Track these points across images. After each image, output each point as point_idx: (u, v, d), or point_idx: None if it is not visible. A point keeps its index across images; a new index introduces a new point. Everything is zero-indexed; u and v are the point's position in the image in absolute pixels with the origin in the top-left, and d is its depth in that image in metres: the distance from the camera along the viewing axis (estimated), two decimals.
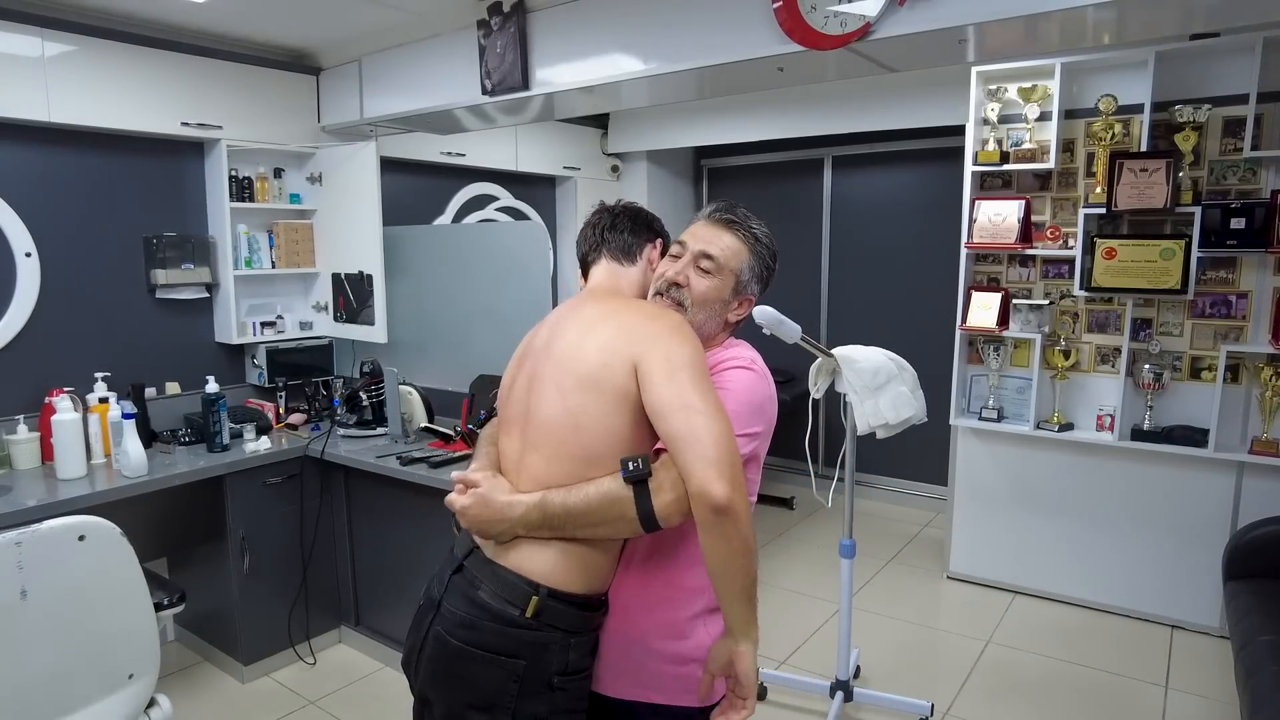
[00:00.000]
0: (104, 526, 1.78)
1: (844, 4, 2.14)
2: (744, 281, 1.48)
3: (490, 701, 1.30)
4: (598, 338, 1.35)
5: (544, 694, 1.31)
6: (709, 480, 1.17)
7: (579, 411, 1.32)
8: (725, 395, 1.33)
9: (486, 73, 2.90)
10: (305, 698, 2.93)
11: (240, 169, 3.37)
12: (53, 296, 2.96)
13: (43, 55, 2.74)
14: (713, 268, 1.45)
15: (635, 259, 1.57)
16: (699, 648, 1.38)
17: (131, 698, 1.85)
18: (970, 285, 3.79)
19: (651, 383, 1.27)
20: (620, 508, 1.27)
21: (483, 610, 1.31)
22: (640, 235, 1.59)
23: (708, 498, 1.17)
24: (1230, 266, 3.27)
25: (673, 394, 1.24)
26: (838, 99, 4.26)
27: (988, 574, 3.84)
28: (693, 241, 1.47)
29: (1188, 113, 3.19)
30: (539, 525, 1.31)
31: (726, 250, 1.46)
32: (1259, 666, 2.27)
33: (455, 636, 1.33)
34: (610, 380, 1.30)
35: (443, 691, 1.36)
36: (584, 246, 1.60)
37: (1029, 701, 2.90)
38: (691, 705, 1.38)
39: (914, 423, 2.56)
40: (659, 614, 1.38)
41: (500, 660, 1.30)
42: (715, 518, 1.18)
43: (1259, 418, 3.21)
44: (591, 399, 1.31)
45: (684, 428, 1.21)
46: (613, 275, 1.55)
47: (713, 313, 1.46)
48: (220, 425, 2.99)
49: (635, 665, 1.39)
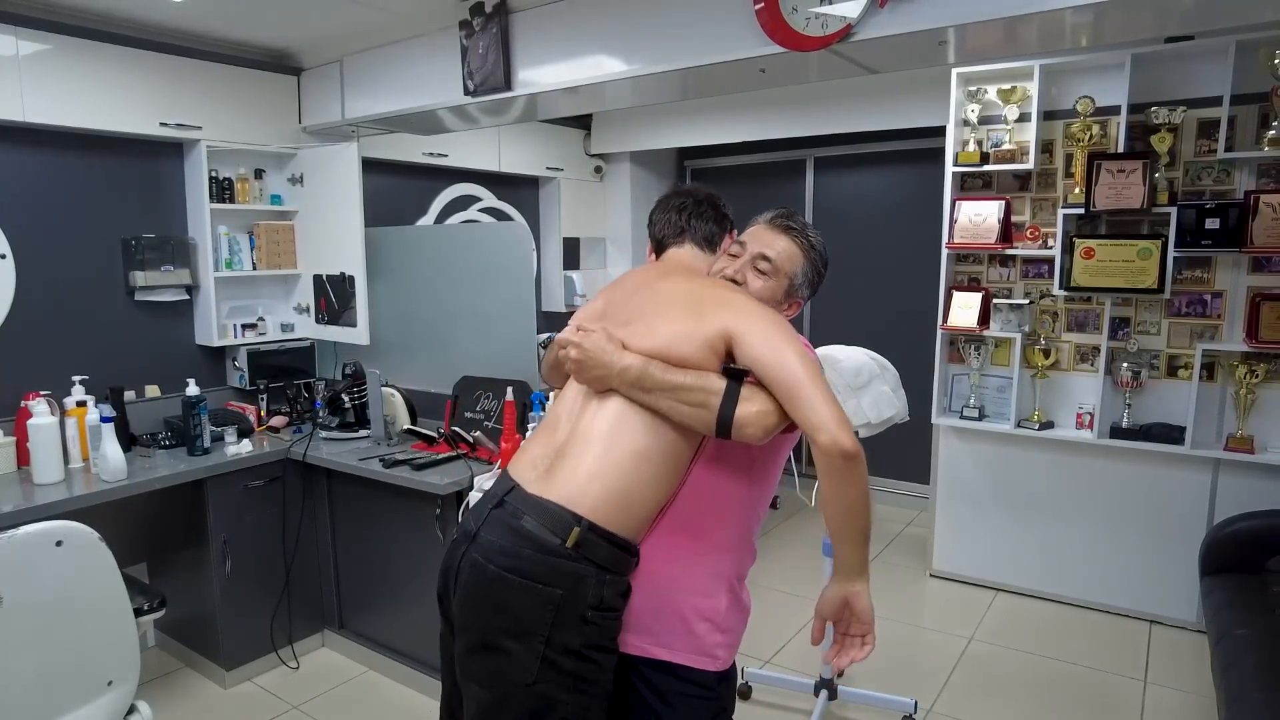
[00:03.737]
0: (82, 532, 1.76)
1: (825, 5, 2.15)
2: (796, 285, 1.56)
3: (526, 628, 1.33)
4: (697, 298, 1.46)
5: (577, 626, 1.34)
6: (839, 432, 1.28)
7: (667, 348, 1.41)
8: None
9: (469, 73, 2.89)
10: (288, 702, 2.91)
11: (220, 170, 3.34)
12: (29, 299, 2.92)
13: (17, 54, 2.70)
14: (769, 269, 1.53)
15: (716, 249, 1.65)
16: (717, 610, 1.44)
17: (111, 704, 1.83)
18: (951, 285, 3.82)
19: (750, 344, 1.37)
20: (709, 396, 1.36)
21: (524, 538, 1.35)
22: (723, 226, 1.68)
23: (840, 446, 1.27)
24: (1205, 266, 3.32)
25: (777, 356, 1.34)
26: (820, 100, 4.28)
27: (970, 571, 3.88)
28: (753, 243, 1.55)
29: (1163, 114, 3.24)
30: (634, 382, 1.39)
31: (783, 254, 1.54)
32: (1235, 660, 2.31)
33: (494, 563, 1.36)
34: (703, 336, 1.40)
35: (477, 617, 1.38)
36: (664, 229, 1.66)
37: (1011, 697, 2.92)
38: (696, 667, 1.43)
39: (896, 422, 2.58)
40: (683, 567, 1.44)
41: (538, 588, 1.33)
42: (847, 464, 1.28)
43: (1234, 415, 3.26)
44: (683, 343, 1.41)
45: (794, 384, 1.32)
46: (698, 259, 1.64)
47: None
48: (201, 428, 2.96)
49: (650, 616, 1.43)
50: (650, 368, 1.39)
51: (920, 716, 2.79)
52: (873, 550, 4.26)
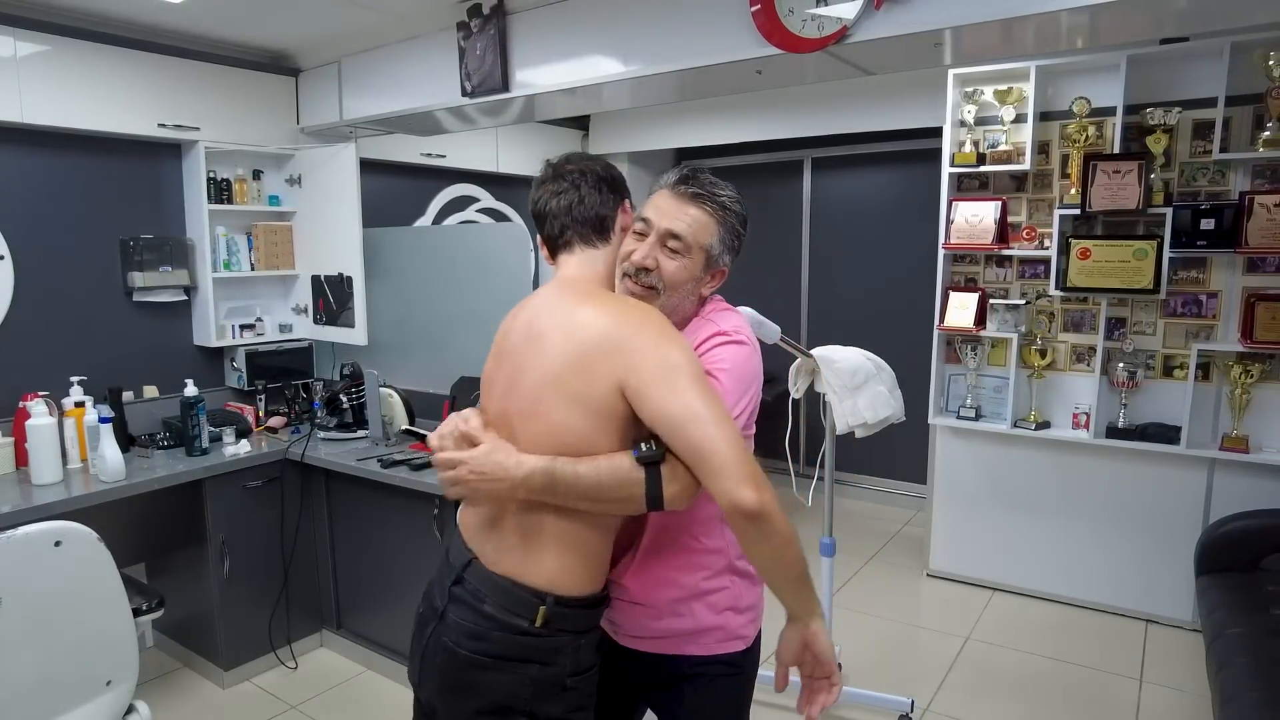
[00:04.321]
0: (81, 532, 1.77)
1: (821, 7, 2.16)
2: (715, 255, 1.40)
3: (504, 706, 1.30)
4: (581, 351, 1.27)
5: (558, 695, 1.31)
6: (735, 491, 1.17)
7: (562, 429, 1.27)
8: (718, 374, 1.33)
9: (466, 74, 2.90)
10: (287, 702, 2.92)
11: (218, 171, 3.34)
12: (27, 300, 2.93)
13: (15, 55, 2.71)
14: (681, 247, 1.37)
15: (608, 235, 1.42)
16: (731, 596, 1.43)
17: (109, 704, 1.84)
18: (948, 285, 3.83)
19: (650, 397, 1.22)
20: (630, 488, 1.24)
21: (490, 621, 1.29)
22: (612, 203, 1.42)
23: (740, 508, 1.17)
24: (1201, 266, 3.33)
25: (678, 407, 1.21)
26: (817, 101, 4.29)
27: (967, 571, 3.89)
28: (657, 218, 1.39)
29: (1159, 115, 3.25)
30: (542, 490, 1.25)
31: (694, 225, 1.37)
32: (1229, 659, 2.32)
33: (464, 648, 1.31)
34: (596, 400, 1.25)
35: (453, 700, 1.34)
36: (548, 226, 1.42)
37: (1008, 696, 2.93)
38: (727, 652, 1.44)
39: (892, 422, 2.59)
40: (685, 578, 1.41)
41: (513, 665, 1.29)
42: (752, 524, 1.19)
43: (1229, 415, 3.27)
44: (576, 417, 1.27)
45: (698, 441, 1.20)
46: (590, 263, 1.40)
47: (686, 292, 1.40)
48: (199, 429, 2.97)
49: (670, 626, 1.42)
50: (558, 471, 1.24)
51: (917, 716, 2.80)
52: (871, 549, 4.29)
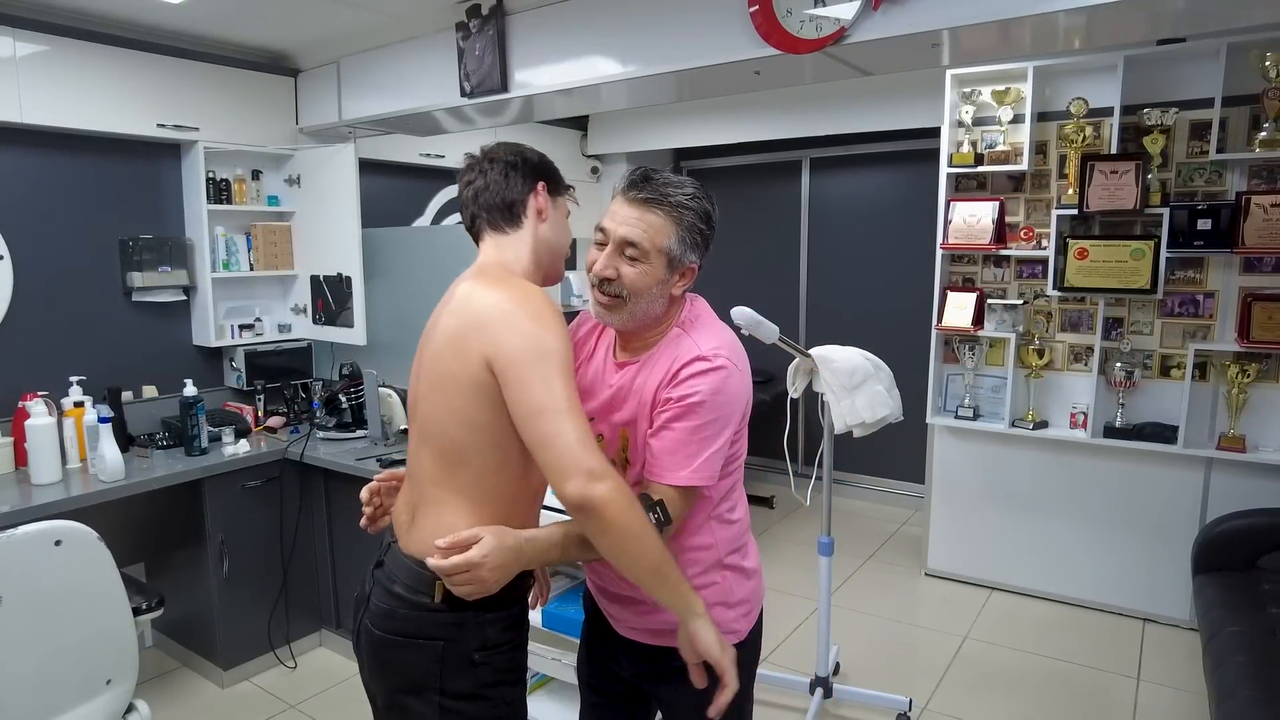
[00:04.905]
0: (81, 531, 1.77)
1: (819, 8, 2.17)
2: (676, 256, 1.36)
3: (418, 684, 1.34)
4: (458, 328, 1.31)
5: (468, 670, 1.33)
6: (564, 486, 1.19)
7: (445, 408, 1.32)
8: (692, 409, 1.31)
9: (465, 75, 2.91)
10: (286, 701, 2.92)
11: (217, 171, 3.35)
12: (26, 300, 2.93)
13: (14, 55, 2.71)
14: (638, 254, 1.34)
15: (519, 220, 1.42)
16: (720, 592, 1.45)
17: (109, 703, 1.84)
18: (946, 285, 3.84)
19: (510, 380, 1.25)
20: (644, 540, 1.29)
21: (399, 600, 1.35)
22: (516, 188, 1.41)
23: (569, 502, 1.20)
24: (1198, 266, 3.34)
25: (534, 396, 1.23)
26: (816, 101, 4.30)
27: (965, 570, 3.90)
28: (613, 226, 1.36)
29: (1156, 116, 3.26)
30: (557, 562, 1.37)
31: (649, 230, 1.34)
32: (1226, 657, 2.33)
33: (378, 627, 1.37)
34: (469, 376, 1.29)
35: (378, 681, 1.41)
36: (464, 216, 1.46)
37: (1005, 695, 2.94)
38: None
39: (890, 421, 2.59)
40: None
41: (419, 644, 1.33)
42: (586, 517, 1.21)
43: (1226, 414, 3.28)
44: (454, 394, 1.31)
45: (542, 435, 1.22)
46: (499, 249, 1.42)
47: (653, 296, 1.37)
48: (198, 429, 2.97)
49: (661, 621, 1.41)
50: (570, 536, 1.30)
51: (915, 714, 2.81)
52: (869, 549, 4.30)
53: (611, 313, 1.39)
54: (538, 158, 1.46)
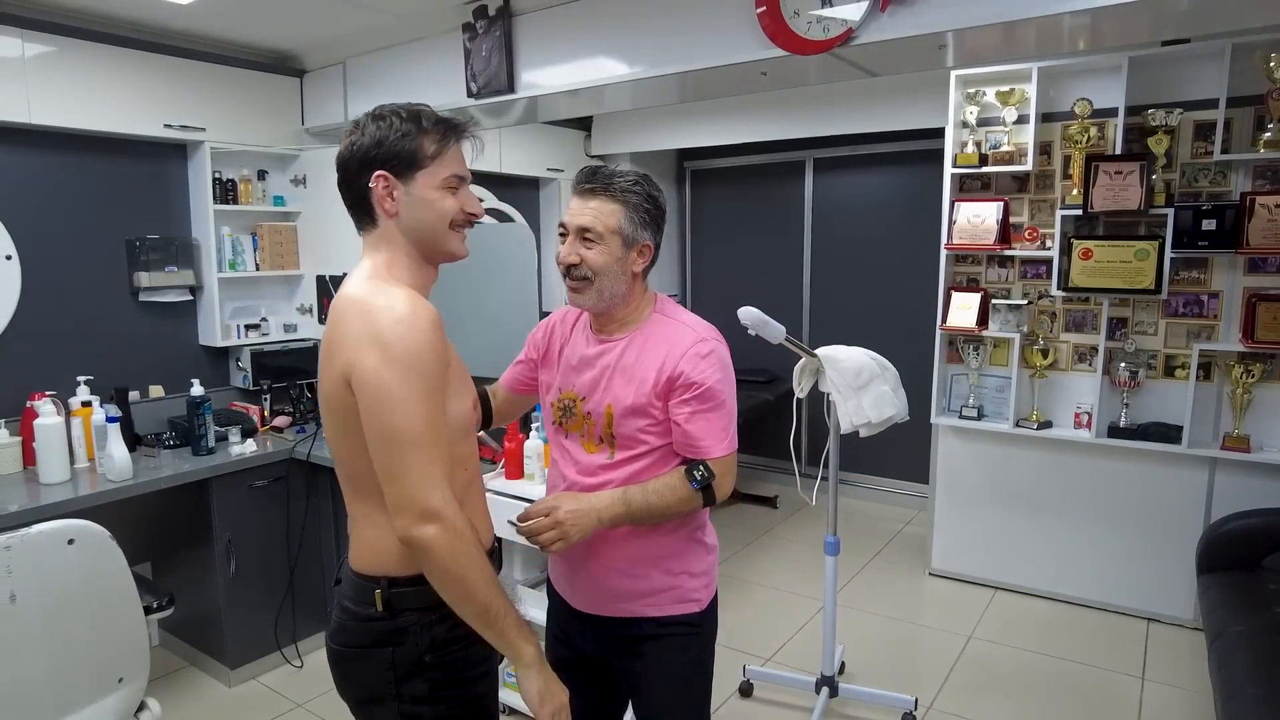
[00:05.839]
0: (93, 530, 1.78)
1: (826, 9, 2.17)
2: (628, 235, 1.52)
3: (378, 693, 1.35)
4: (326, 341, 1.31)
5: (421, 673, 1.33)
6: (397, 520, 1.21)
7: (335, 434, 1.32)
8: (715, 391, 1.50)
9: (472, 75, 2.92)
10: (293, 700, 2.93)
11: (224, 171, 3.36)
12: (34, 300, 2.94)
13: (23, 56, 2.72)
14: (594, 236, 1.50)
15: (373, 214, 1.32)
16: (687, 563, 1.60)
17: (121, 701, 1.85)
18: (950, 286, 3.84)
19: (363, 401, 1.22)
20: (693, 504, 1.51)
21: (347, 614, 1.37)
22: (356, 185, 1.32)
23: (401, 536, 1.21)
24: (1202, 267, 3.34)
25: (373, 422, 1.21)
26: (819, 102, 4.30)
27: (969, 570, 3.90)
28: (570, 219, 1.54)
29: (1160, 116, 3.26)
30: (622, 518, 1.47)
31: (600, 215, 1.50)
32: (1231, 656, 2.34)
33: (334, 641, 1.40)
34: (340, 401, 1.27)
35: (344, 693, 1.42)
36: None
37: (1010, 694, 2.95)
38: (684, 613, 1.59)
39: (896, 421, 2.60)
40: (643, 546, 1.57)
41: (371, 652, 1.34)
42: (416, 552, 1.22)
43: (1230, 414, 3.29)
44: (339, 421, 1.29)
45: (386, 465, 1.21)
46: (370, 248, 1.34)
47: (615, 274, 1.52)
48: (205, 428, 2.98)
49: (629, 589, 1.57)
50: (632, 502, 1.48)
51: (921, 714, 2.81)
52: (872, 549, 4.30)
53: (582, 295, 1.53)
54: (371, 137, 1.29)
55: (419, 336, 1.21)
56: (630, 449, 1.54)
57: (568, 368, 1.61)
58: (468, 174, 1.37)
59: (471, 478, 1.43)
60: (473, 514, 1.35)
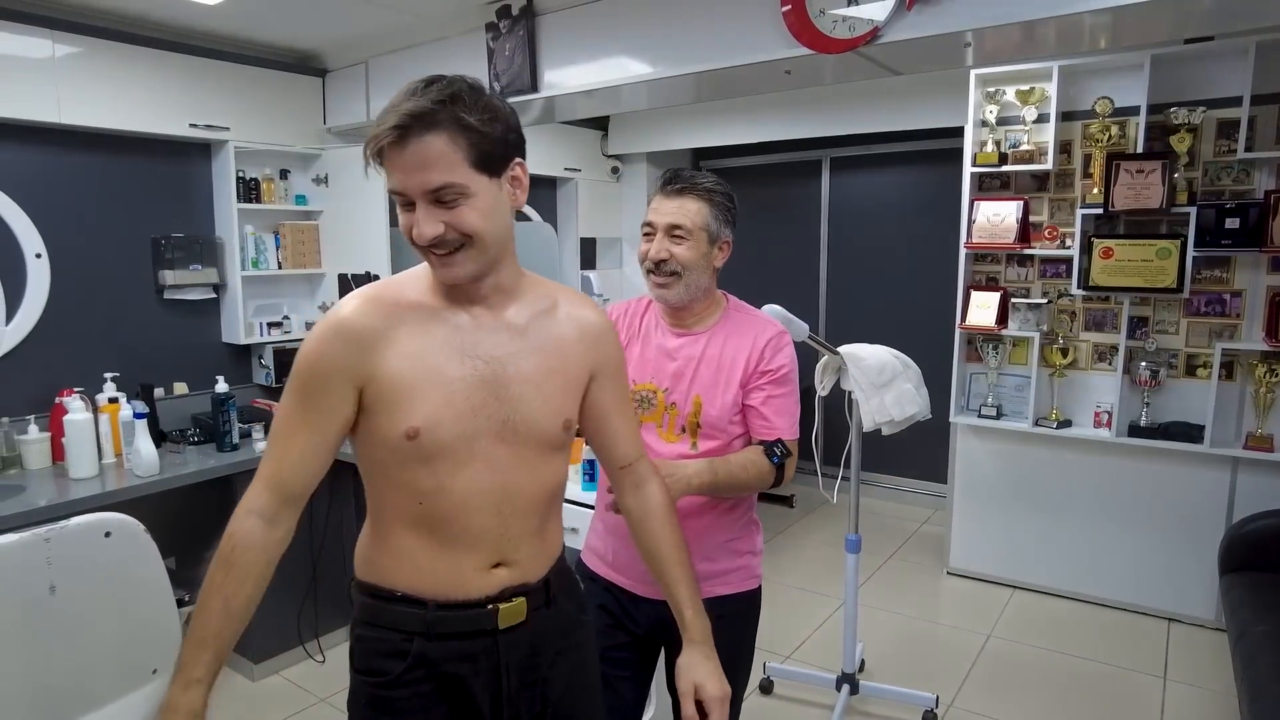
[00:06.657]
0: (129, 523, 1.80)
1: (852, 8, 2.18)
2: (714, 232, 1.63)
3: None
4: None
5: (361, 699, 1.29)
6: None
7: None
8: (788, 380, 1.65)
9: (495, 75, 2.93)
10: (315, 695, 2.96)
11: (247, 170, 3.39)
12: (62, 297, 2.97)
13: (53, 56, 2.75)
14: (685, 234, 1.60)
15: None
16: (749, 543, 1.74)
17: (155, 693, 1.87)
18: (969, 284, 3.84)
19: None
20: (767, 480, 1.62)
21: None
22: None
23: None
24: (1224, 266, 3.33)
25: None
26: (836, 101, 4.30)
27: (987, 569, 3.89)
28: (659, 218, 1.62)
29: (1183, 115, 3.25)
30: (709, 488, 1.55)
31: (690, 213, 1.61)
32: (1256, 657, 2.33)
33: None
34: None
35: None
36: None
37: (1030, 693, 2.94)
38: (750, 589, 1.73)
39: (918, 419, 2.60)
40: (720, 524, 1.68)
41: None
42: None
43: (1253, 413, 3.27)
44: None
45: None
46: None
47: (701, 268, 1.62)
48: (229, 425, 3.01)
49: (707, 567, 1.63)
50: (718, 473, 1.56)
51: (941, 712, 2.81)
52: (890, 547, 4.30)
53: (670, 290, 1.62)
54: None
55: (309, 339, 1.18)
56: (714, 439, 1.64)
57: (643, 360, 1.69)
58: (409, 192, 1.10)
59: (430, 513, 1.26)
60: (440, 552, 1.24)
